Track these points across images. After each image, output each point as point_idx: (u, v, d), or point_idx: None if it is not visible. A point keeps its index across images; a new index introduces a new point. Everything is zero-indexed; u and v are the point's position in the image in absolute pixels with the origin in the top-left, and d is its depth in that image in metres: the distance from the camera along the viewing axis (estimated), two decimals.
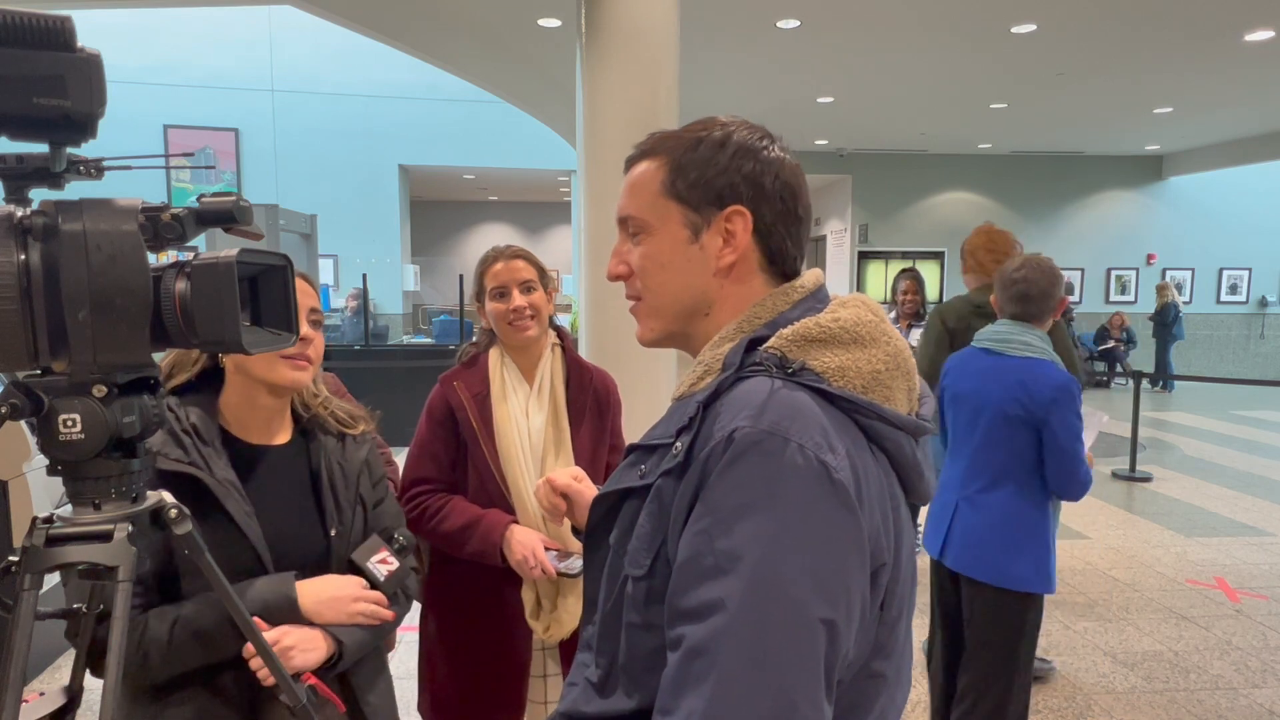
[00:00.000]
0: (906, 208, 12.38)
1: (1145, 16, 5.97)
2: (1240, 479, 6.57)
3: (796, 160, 0.88)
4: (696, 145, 0.85)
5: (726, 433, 0.71)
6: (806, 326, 0.77)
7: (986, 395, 2.23)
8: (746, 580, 0.66)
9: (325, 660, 1.23)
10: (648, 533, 0.77)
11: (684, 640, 0.68)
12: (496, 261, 1.79)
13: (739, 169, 0.83)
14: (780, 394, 0.73)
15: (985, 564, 2.20)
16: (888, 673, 0.77)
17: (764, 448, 0.69)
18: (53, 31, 0.79)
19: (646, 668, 0.75)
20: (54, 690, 1.05)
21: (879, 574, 0.73)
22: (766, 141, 0.86)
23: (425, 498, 1.79)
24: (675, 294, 0.87)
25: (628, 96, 3.79)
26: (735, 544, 0.67)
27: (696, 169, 0.84)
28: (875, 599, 0.73)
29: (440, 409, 1.82)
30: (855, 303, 0.82)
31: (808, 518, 0.68)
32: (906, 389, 0.81)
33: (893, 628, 0.77)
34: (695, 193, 0.84)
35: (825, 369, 0.76)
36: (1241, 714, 2.97)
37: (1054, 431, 2.12)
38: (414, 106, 11.33)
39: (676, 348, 0.92)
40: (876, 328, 0.79)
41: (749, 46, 6.72)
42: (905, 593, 0.78)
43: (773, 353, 0.77)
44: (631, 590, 0.77)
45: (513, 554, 1.68)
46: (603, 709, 0.79)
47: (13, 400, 0.86)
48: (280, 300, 0.98)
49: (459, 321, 8.24)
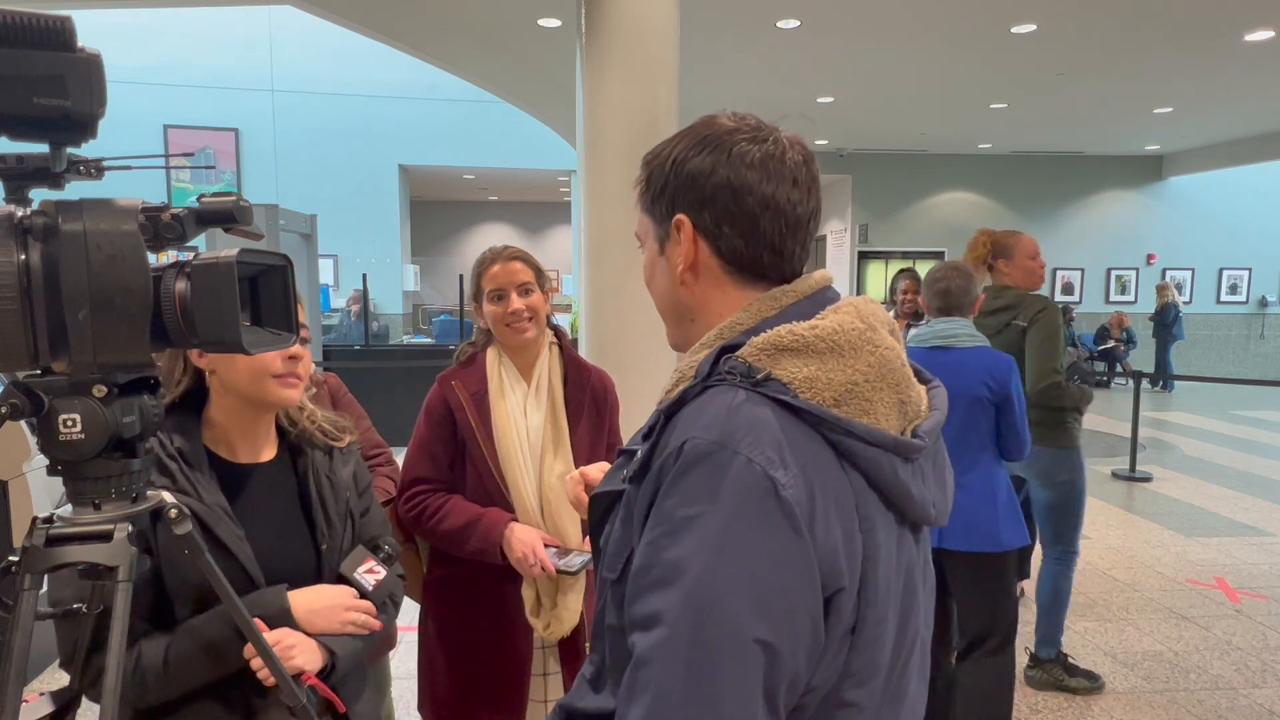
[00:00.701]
0: (906, 208, 12.38)
1: (1145, 16, 5.97)
2: (1240, 479, 6.57)
3: (773, 147, 0.81)
4: (657, 155, 0.85)
5: (679, 443, 0.70)
6: (779, 334, 0.74)
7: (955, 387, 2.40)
8: (685, 594, 0.65)
9: (320, 670, 1.23)
10: (620, 537, 0.77)
11: (635, 648, 0.68)
12: (494, 263, 1.78)
13: (678, 174, 0.82)
14: (740, 406, 0.71)
15: (980, 537, 2.43)
16: (863, 702, 0.73)
17: (713, 460, 0.68)
18: (53, 31, 0.79)
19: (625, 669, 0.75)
20: (43, 701, 1.04)
21: (836, 598, 0.69)
22: (728, 135, 0.81)
23: (424, 497, 1.79)
24: (663, 304, 0.90)
25: (628, 96, 3.79)
26: (679, 556, 0.66)
27: (656, 181, 0.84)
28: (835, 625, 0.69)
29: (438, 408, 1.82)
30: (848, 309, 0.79)
31: (750, 534, 0.66)
32: (896, 402, 0.76)
33: (867, 653, 0.72)
34: (657, 205, 0.85)
35: (792, 380, 0.72)
36: (1241, 714, 2.97)
37: (1011, 403, 2.42)
38: (414, 106, 11.32)
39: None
40: (861, 336, 0.75)
41: (749, 46, 6.72)
42: (884, 616, 0.73)
43: (740, 362, 0.74)
44: (610, 594, 0.78)
45: (512, 552, 1.68)
46: (594, 705, 0.80)
47: (13, 400, 0.86)
48: (280, 300, 0.98)
49: (459, 321, 8.24)
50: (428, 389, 1.86)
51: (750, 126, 0.83)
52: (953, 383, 2.34)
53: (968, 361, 2.45)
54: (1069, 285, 12.61)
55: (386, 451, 2.11)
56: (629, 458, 0.81)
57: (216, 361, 1.25)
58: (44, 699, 1.03)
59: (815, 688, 0.70)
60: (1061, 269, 12.53)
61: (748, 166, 0.80)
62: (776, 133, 0.83)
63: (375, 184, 11.51)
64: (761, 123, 0.84)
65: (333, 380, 2.04)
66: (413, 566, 1.91)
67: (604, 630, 0.80)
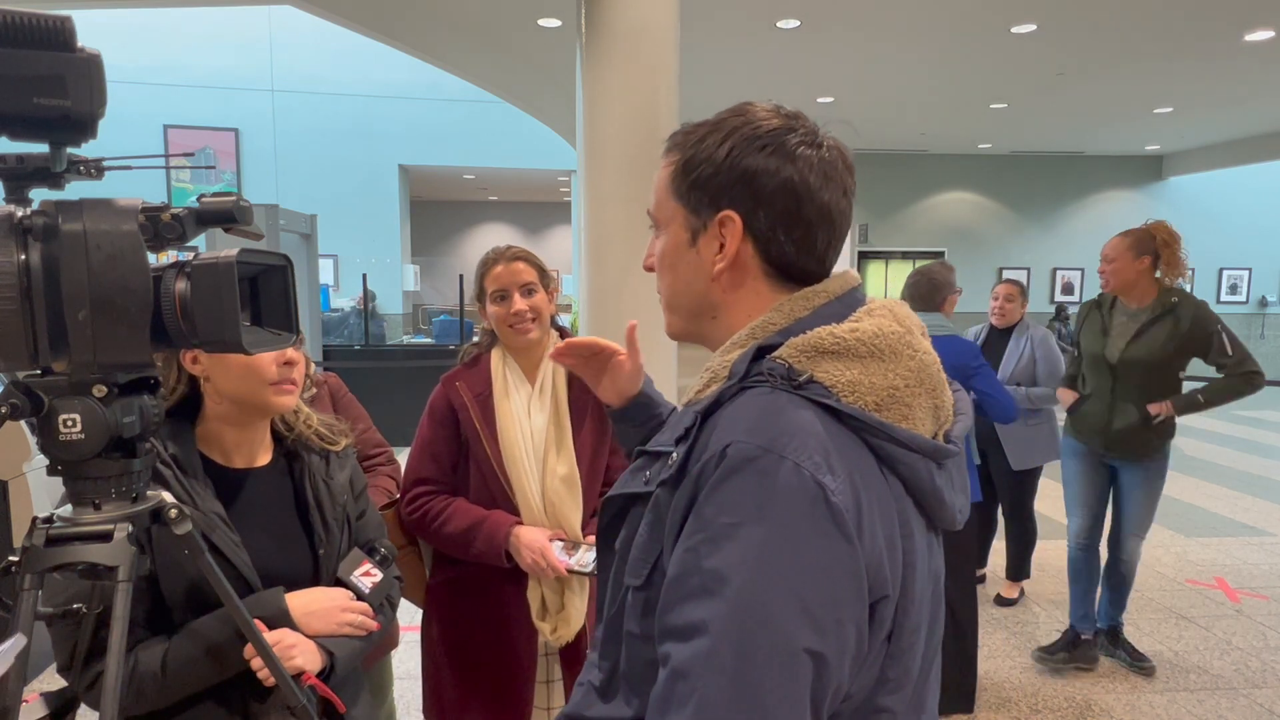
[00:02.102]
0: (906, 208, 12.37)
1: (1145, 16, 5.97)
2: (1240, 479, 6.57)
3: (828, 152, 0.79)
4: (701, 140, 0.80)
5: (721, 446, 0.68)
6: (819, 336, 0.73)
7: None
8: (731, 604, 0.63)
9: (320, 670, 1.23)
10: (645, 543, 0.74)
11: (670, 659, 0.65)
12: (497, 264, 1.78)
13: (733, 167, 0.77)
14: (783, 409, 0.69)
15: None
16: (896, 708, 0.72)
17: (758, 465, 0.65)
18: (53, 31, 0.79)
19: (645, 677, 0.73)
20: (42, 701, 1.04)
21: (879, 606, 0.68)
22: (783, 133, 0.78)
23: (427, 500, 1.79)
24: (680, 295, 0.85)
25: (628, 96, 3.79)
26: (722, 565, 0.64)
27: (696, 168, 0.79)
28: (877, 632, 0.68)
29: (442, 409, 1.82)
30: (882, 311, 0.77)
31: (799, 542, 0.64)
32: (932, 407, 0.76)
33: (903, 660, 0.72)
34: (694, 194, 0.80)
35: (835, 383, 0.71)
36: (1241, 714, 2.97)
37: (985, 375, 2.89)
38: (414, 106, 11.32)
39: (697, 344, 0.89)
40: (900, 340, 0.74)
41: (749, 46, 6.71)
42: (919, 624, 0.73)
43: (780, 363, 0.72)
44: (631, 600, 0.75)
45: (522, 559, 1.68)
46: (604, 714, 0.78)
47: (13, 400, 0.86)
48: (280, 300, 0.98)
49: (459, 321, 8.23)
50: (428, 389, 1.86)
51: (806, 128, 0.80)
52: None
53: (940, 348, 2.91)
54: (1069, 285, 12.61)
55: (388, 451, 2.10)
56: (650, 459, 0.78)
57: (210, 368, 1.24)
58: (42, 700, 1.02)
59: (852, 695, 0.69)
60: (1061, 269, 12.53)
61: (811, 172, 0.77)
62: (827, 136, 0.81)
63: (375, 184, 11.50)
64: (807, 119, 0.81)
65: (333, 380, 2.04)
66: (415, 569, 1.90)
67: (617, 636, 0.78)
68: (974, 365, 2.92)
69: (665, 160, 0.84)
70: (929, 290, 3.10)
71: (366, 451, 2.01)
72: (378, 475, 2.00)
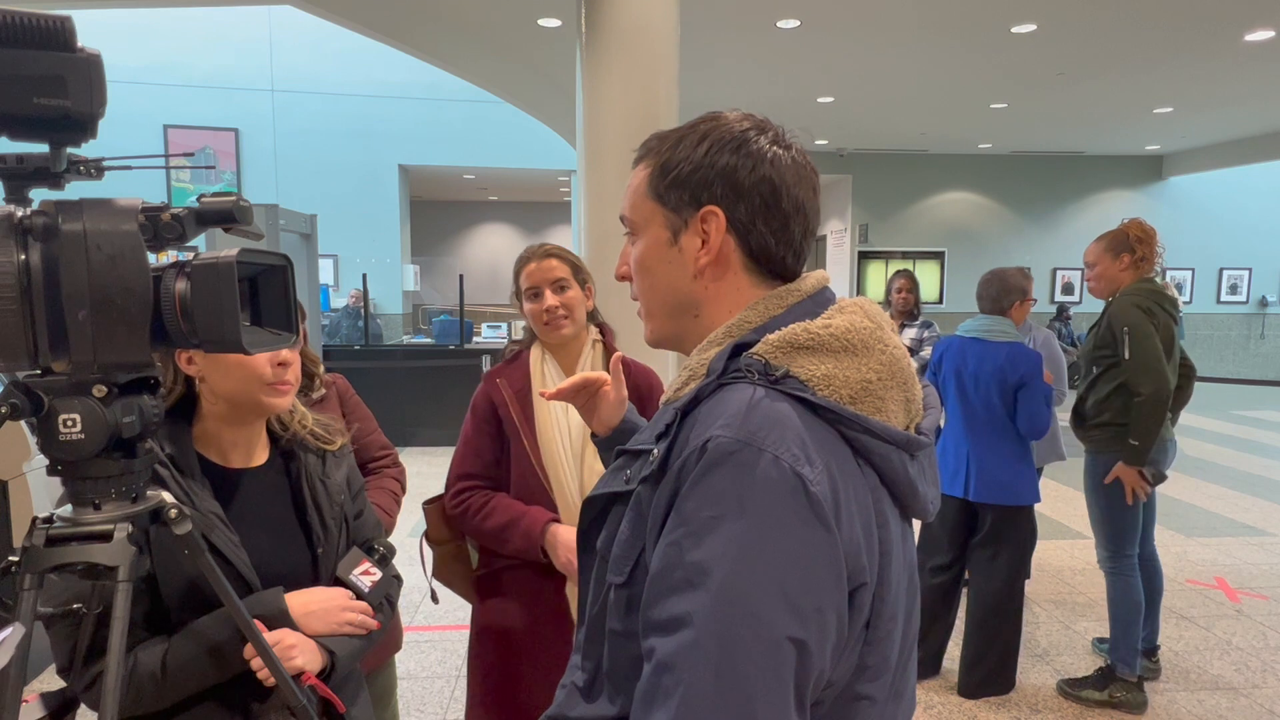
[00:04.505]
0: (906, 208, 12.38)
1: (1145, 16, 5.98)
2: (1240, 479, 6.57)
3: (797, 154, 0.83)
4: (678, 143, 0.83)
5: (701, 441, 0.69)
6: (794, 332, 0.75)
7: (984, 371, 3.05)
8: (714, 596, 0.64)
9: (320, 670, 1.23)
10: (627, 540, 0.75)
11: (655, 653, 0.66)
12: (530, 261, 1.81)
13: (712, 165, 0.80)
14: (760, 403, 0.70)
15: (1002, 490, 3.00)
16: (875, 694, 0.74)
17: (738, 458, 0.67)
18: (53, 31, 0.79)
19: (629, 675, 0.73)
20: (41, 702, 1.03)
21: (858, 594, 0.70)
22: (755, 134, 0.81)
23: (469, 495, 1.81)
24: (662, 296, 0.86)
25: (628, 96, 3.79)
26: (705, 557, 0.65)
27: (675, 168, 0.82)
28: (856, 619, 0.70)
29: (484, 406, 1.84)
30: (853, 308, 0.80)
31: (780, 532, 0.65)
32: (903, 400, 0.78)
33: (880, 648, 0.74)
34: (674, 193, 0.82)
35: (810, 377, 0.73)
36: (1241, 714, 2.97)
37: (1031, 391, 2.93)
38: (414, 106, 11.32)
39: (675, 349, 0.90)
40: (872, 335, 0.77)
41: (749, 46, 6.72)
42: (895, 611, 0.75)
43: (757, 359, 0.74)
44: (614, 598, 0.76)
45: (557, 558, 1.69)
46: (587, 714, 0.78)
47: (13, 400, 0.86)
48: (280, 300, 0.97)
49: (459, 321, 8.23)
50: (428, 389, 1.88)
51: (775, 131, 0.83)
52: (981, 369, 3.00)
53: (998, 352, 3.02)
54: (1069, 285, 12.62)
55: (393, 453, 2.10)
56: (631, 458, 0.80)
57: (205, 368, 1.24)
58: (41, 700, 1.02)
59: (834, 683, 0.71)
60: (1061, 269, 12.54)
61: (785, 168, 0.81)
62: (794, 139, 0.85)
63: (375, 184, 11.51)
64: (774, 124, 0.85)
65: (340, 382, 2.04)
66: (463, 563, 1.91)
67: (600, 636, 0.79)
68: (1027, 377, 2.90)
69: (641, 165, 0.87)
70: (999, 292, 3.08)
71: (372, 454, 2.01)
72: (383, 477, 2.00)
